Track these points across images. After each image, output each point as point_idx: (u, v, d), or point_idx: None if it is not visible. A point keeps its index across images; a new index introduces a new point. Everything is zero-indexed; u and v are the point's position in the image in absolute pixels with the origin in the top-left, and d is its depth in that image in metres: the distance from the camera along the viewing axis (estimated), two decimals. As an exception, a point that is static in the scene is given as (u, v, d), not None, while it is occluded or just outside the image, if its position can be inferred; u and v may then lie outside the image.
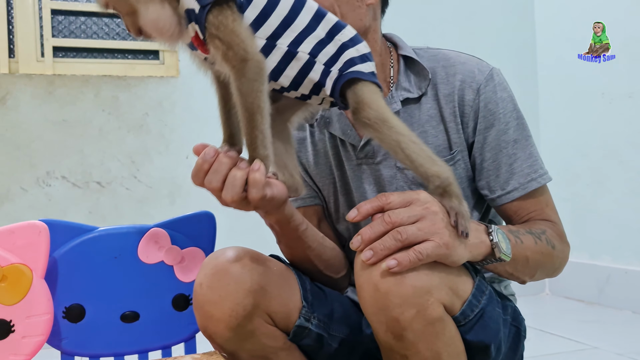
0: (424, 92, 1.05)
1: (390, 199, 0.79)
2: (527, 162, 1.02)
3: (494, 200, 1.04)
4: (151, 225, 1.11)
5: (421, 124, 1.05)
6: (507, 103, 1.04)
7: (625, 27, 2.26)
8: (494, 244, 0.86)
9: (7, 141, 2.07)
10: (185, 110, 2.25)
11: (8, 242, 0.98)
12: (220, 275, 0.92)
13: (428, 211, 0.79)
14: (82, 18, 2.27)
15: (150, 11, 0.78)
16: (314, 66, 0.82)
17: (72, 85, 2.14)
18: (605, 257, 2.42)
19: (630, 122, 2.29)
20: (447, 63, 1.06)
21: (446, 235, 0.78)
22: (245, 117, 0.77)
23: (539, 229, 0.99)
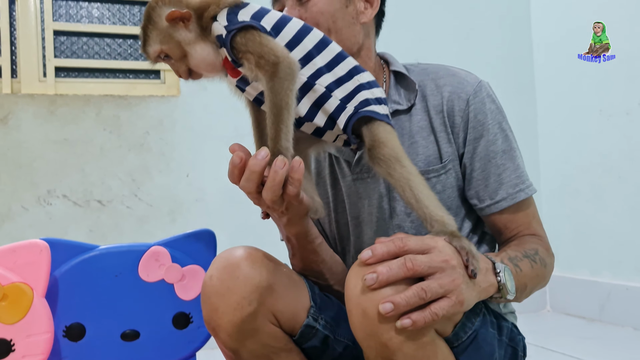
0: (413, 104, 1.08)
1: (408, 245, 0.79)
2: (515, 172, 1.05)
3: (483, 209, 1.06)
4: (152, 244, 1.12)
5: (412, 135, 1.08)
6: (496, 114, 1.06)
7: (622, 45, 2.28)
8: (501, 285, 0.87)
9: (8, 160, 2.08)
10: (185, 128, 2.27)
11: (9, 261, 0.98)
12: (230, 269, 0.94)
13: (448, 265, 0.78)
14: (84, 38, 2.30)
15: (198, 51, 0.87)
16: (329, 99, 0.87)
17: (73, 105, 2.15)
18: (606, 273, 2.42)
19: (628, 138, 2.30)
20: (436, 76, 1.09)
21: (462, 293, 0.79)
22: (273, 112, 0.81)
23: (531, 249, 1.00)
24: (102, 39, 2.32)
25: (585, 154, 2.50)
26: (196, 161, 2.27)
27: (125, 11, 2.35)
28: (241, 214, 2.30)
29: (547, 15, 2.72)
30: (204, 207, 2.27)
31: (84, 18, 2.30)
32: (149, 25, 0.88)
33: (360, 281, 0.78)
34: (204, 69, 0.90)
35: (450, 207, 1.06)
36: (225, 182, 2.51)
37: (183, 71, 0.90)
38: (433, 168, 1.06)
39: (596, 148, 2.44)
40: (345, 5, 1.05)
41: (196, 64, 0.89)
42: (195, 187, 2.26)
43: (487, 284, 0.85)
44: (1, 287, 0.99)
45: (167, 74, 2.35)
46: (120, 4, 2.35)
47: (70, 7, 2.28)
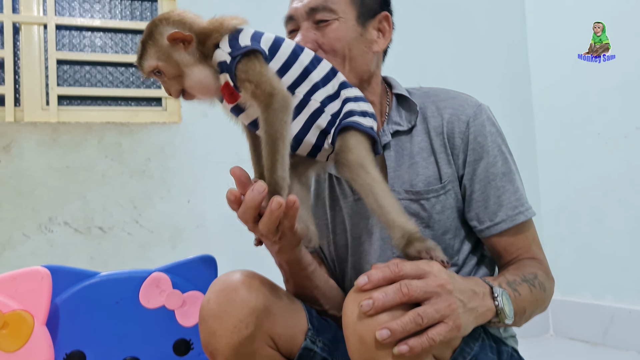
0: (414, 125, 1.10)
1: (403, 270, 0.79)
2: (515, 195, 1.05)
3: (483, 231, 1.06)
4: (152, 270, 1.12)
5: (412, 155, 1.09)
6: (496, 137, 1.07)
7: (620, 69, 2.31)
8: (499, 309, 0.87)
9: (10, 188, 2.09)
10: (187, 155, 2.28)
11: (10, 289, 0.99)
12: (227, 292, 0.95)
13: (443, 289, 0.79)
14: (86, 67, 2.33)
15: (196, 73, 0.89)
16: (322, 114, 0.90)
17: (76, 133, 2.17)
18: (609, 297, 2.40)
19: (627, 161, 2.31)
20: (437, 98, 1.11)
21: (459, 317, 0.79)
22: (268, 143, 0.83)
23: (531, 273, 1.00)
24: (105, 67, 2.35)
25: (584, 177, 2.51)
26: (197, 187, 2.29)
27: (127, 40, 2.39)
28: (242, 239, 2.29)
29: (543, 40, 2.76)
30: (205, 233, 2.27)
31: (86, 47, 2.33)
32: (149, 40, 0.89)
33: (356, 307, 0.78)
34: (199, 92, 0.92)
35: (449, 228, 1.07)
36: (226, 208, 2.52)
37: (175, 90, 0.91)
38: (432, 188, 1.06)
39: (595, 171, 2.45)
40: (361, 34, 1.07)
41: (191, 86, 0.90)
42: (196, 213, 2.27)
43: (484, 309, 0.85)
44: (2, 314, 0.99)
45: (169, 101, 2.38)
46: (123, 33, 2.39)
47: (73, 37, 2.32)
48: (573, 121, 2.56)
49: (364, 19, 1.08)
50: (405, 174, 1.08)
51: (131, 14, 2.41)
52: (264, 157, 0.84)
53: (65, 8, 2.32)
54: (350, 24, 1.06)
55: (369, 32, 1.09)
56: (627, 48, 2.26)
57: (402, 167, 1.09)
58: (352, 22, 1.06)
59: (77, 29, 2.33)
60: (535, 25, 2.81)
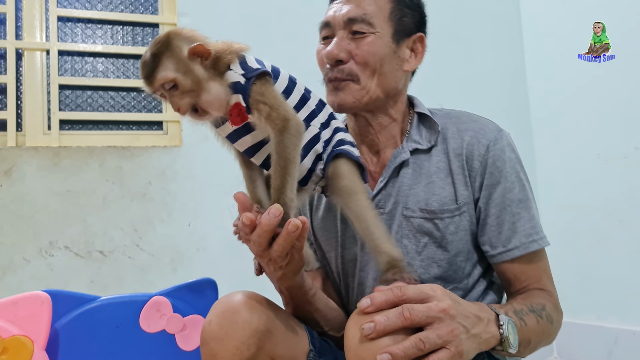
0: (433, 144, 1.10)
1: (406, 294, 0.79)
2: (530, 223, 1.05)
3: (495, 256, 1.05)
4: (153, 294, 1.12)
5: (429, 174, 1.09)
6: (515, 164, 1.08)
7: (618, 92, 2.32)
8: (504, 338, 0.86)
9: (11, 212, 2.09)
10: (187, 178, 2.29)
11: (10, 313, 0.98)
12: (229, 314, 0.94)
13: (446, 314, 0.79)
14: (88, 92, 2.35)
15: (214, 88, 0.88)
16: (320, 140, 0.93)
17: (77, 157, 2.18)
18: (612, 318, 2.39)
19: (627, 182, 2.32)
20: (459, 120, 1.12)
21: (462, 344, 0.79)
22: (280, 165, 0.85)
23: (539, 304, 1.00)
24: (106, 92, 2.37)
25: (585, 198, 2.51)
26: (198, 210, 2.29)
27: (128, 65, 2.41)
28: (243, 262, 2.29)
29: (542, 64, 2.78)
30: (206, 256, 2.27)
31: (88, 72, 2.36)
32: (167, 52, 0.86)
33: (358, 330, 0.78)
34: (214, 108, 0.90)
35: (461, 250, 1.06)
36: (226, 231, 2.53)
37: (185, 105, 0.88)
38: (447, 208, 1.06)
39: (596, 192, 2.46)
40: (394, 51, 1.09)
41: (209, 102, 0.88)
42: (196, 236, 2.27)
43: (488, 335, 0.85)
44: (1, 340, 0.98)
45: (170, 125, 2.39)
46: (124, 58, 2.41)
47: (75, 62, 2.34)
48: (573, 142, 2.57)
49: (399, 37, 1.10)
50: (421, 192, 1.08)
51: (132, 39, 2.43)
52: (274, 179, 0.85)
53: (68, 34, 2.35)
54: (385, 40, 1.08)
55: (402, 51, 1.11)
56: (628, 70, 2.28)
57: (419, 186, 1.09)
58: (387, 39, 1.09)
59: (79, 55, 2.35)
60: (534, 50, 2.84)
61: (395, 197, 1.10)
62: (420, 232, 1.07)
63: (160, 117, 2.39)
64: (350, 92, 1.09)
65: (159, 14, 2.46)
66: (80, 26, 2.37)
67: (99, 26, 2.40)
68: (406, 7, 1.12)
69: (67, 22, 2.35)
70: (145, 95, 2.41)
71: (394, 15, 1.10)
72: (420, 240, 1.07)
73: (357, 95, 1.09)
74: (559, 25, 2.65)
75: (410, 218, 1.08)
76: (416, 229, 1.07)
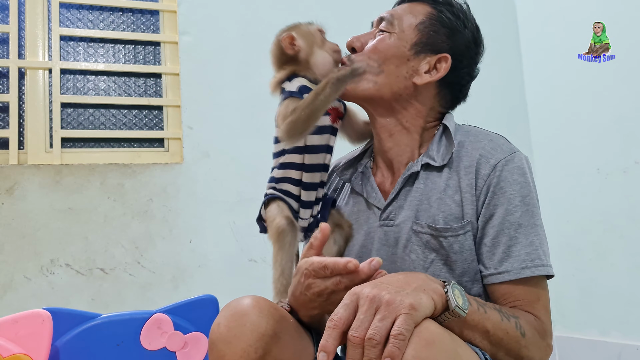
0: (445, 164, 1.10)
1: (337, 315, 0.78)
2: (526, 249, 1.02)
3: (486, 277, 1.04)
4: (154, 311, 1.12)
5: (439, 190, 1.08)
6: (521, 187, 1.05)
7: (617, 105, 2.33)
8: (447, 296, 0.84)
9: (13, 230, 2.09)
10: (188, 195, 2.30)
11: (11, 332, 0.98)
12: (237, 316, 0.95)
13: (370, 300, 0.77)
14: (90, 110, 2.36)
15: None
16: None
17: (78, 174, 2.19)
18: (615, 333, 2.37)
19: (627, 196, 2.32)
20: (476, 138, 1.11)
21: (404, 299, 0.77)
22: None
23: (512, 314, 0.96)
24: (108, 109, 2.39)
25: (585, 214, 2.51)
26: (199, 227, 2.29)
27: (130, 83, 2.43)
28: (244, 279, 2.29)
29: (540, 76, 2.80)
30: (207, 273, 2.26)
31: (90, 90, 2.38)
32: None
33: None
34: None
35: (467, 270, 1.05)
36: (227, 248, 2.52)
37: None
38: (451, 227, 1.05)
39: (596, 207, 2.45)
40: (407, 59, 1.11)
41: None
42: (198, 253, 2.27)
43: (432, 287, 0.82)
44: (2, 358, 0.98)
45: (171, 142, 2.40)
46: (126, 76, 2.43)
47: (77, 80, 2.36)
48: (572, 157, 2.58)
49: (420, 49, 1.11)
50: (430, 208, 1.08)
51: (134, 57, 2.46)
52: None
53: (70, 53, 2.37)
54: (399, 43, 1.10)
55: (418, 62, 1.11)
56: (627, 81, 2.29)
57: (429, 201, 1.08)
58: (404, 43, 1.10)
59: (82, 73, 2.37)
60: (531, 62, 2.86)
61: (406, 210, 1.10)
62: (428, 248, 1.07)
63: (162, 134, 2.40)
64: None
65: (160, 33, 2.49)
66: (82, 45, 2.40)
67: (100, 45, 2.43)
68: (441, 25, 1.12)
69: (69, 41, 2.38)
70: (147, 113, 2.43)
71: (423, 26, 1.11)
72: (427, 256, 1.07)
73: (353, 84, 1.11)
74: (557, 30, 2.67)
75: (419, 233, 1.07)
76: (424, 244, 1.07)
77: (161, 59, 2.47)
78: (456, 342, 0.82)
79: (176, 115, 2.41)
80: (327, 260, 0.90)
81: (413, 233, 1.08)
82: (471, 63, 1.16)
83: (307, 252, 0.97)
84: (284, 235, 1.08)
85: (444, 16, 1.12)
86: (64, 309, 1.09)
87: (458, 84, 1.16)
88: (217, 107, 2.39)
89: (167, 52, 2.46)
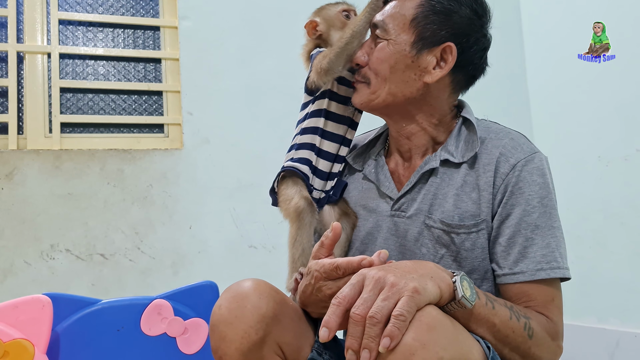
0: (465, 161, 1.07)
1: (343, 293, 0.79)
2: (543, 250, 1.00)
3: (500, 277, 1.03)
4: (154, 297, 1.12)
5: (456, 186, 1.07)
6: (540, 188, 1.03)
7: (618, 93, 2.32)
8: (455, 286, 0.83)
9: (13, 215, 2.09)
10: (188, 181, 2.29)
11: (11, 317, 0.98)
12: (239, 298, 0.96)
13: (375, 280, 0.77)
14: (89, 95, 2.35)
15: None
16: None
17: (78, 160, 2.18)
18: (614, 321, 2.38)
19: (628, 184, 2.31)
20: (496, 136, 1.08)
21: (409, 282, 0.77)
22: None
23: (524, 314, 0.95)
24: (107, 95, 2.37)
25: (585, 201, 2.50)
26: (199, 213, 2.29)
27: (130, 68, 2.42)
28: (244, 265, 2.29)
29: (542, 65, 2.78)
30: (207, 259, 2.27)
31: (89, 75, 2.36)
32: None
33: None
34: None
35: (477, 267, 1.04)
36: (227, 234, 2.52)
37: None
38: (465, 224, 1.04)
39: (596, 194, 2.45)
40: (412, 60, 1.06)
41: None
42: (197, 239, 2.27)
43: (439, 276, 0.82)
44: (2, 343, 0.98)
45: (171, 128, 2.39)
46: (125, 61, 2.41)
47: (76, 65, 2.35)
48: (573, 144, 2.57)
49: (421, 46, 1.05)
50: (445, 204, 1.06)
51: (133, 42, 2.44)
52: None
53: (69, 37, 2.35)
54: (399, 48, 1.06)
55: (423, 60, 1.06)
56: (628, 71, 2.28)
57: (445, 197, 1.07)
58: (403, 47, 1.06)
59: (81, 58, 2.36)
60: (534, 51, 2.84)
61: (419, 203, 1.09)
62: (439, 243, 1.06)
63: (162, 119, 2.39)
64: (362, 93, 1.11)
65: (160, 17, 2.47)
66: (81, 29, 2.38)
67: (100, 29, 2.41)
68: (434, 14, 1.05)
69: (68, 26, 2.36)
70: (147, 98, 2.42)
71: (416, 22, 1.06)
72: (438, 251, 1.06)
73: (366, 98, 1.10)
74: (559, 25, 2.65)
75: (431, 228, 1.06)
76: (435, 239, 1.06)
77: (161, 43, 2.45)
78: (458, 329, 0.81)
79: (176, 101, 2.40)
80: (339, 261, 0.90)
81: (425, 227, 1.07)
82: (479, 37, 1.09)
83: (318, 251, 0.96)
84: (303, 215, 1.10)
85: (435, 2, 1.06)
86: (64, 295, 1.09)
87: (471, 64, 1.10)
88: (217, 93, 2.38)
89: (166, 36, 2.45)
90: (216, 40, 2.41)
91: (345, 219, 1.15)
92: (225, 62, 2.41)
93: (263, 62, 2.45)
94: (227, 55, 2.41)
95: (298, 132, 1.18)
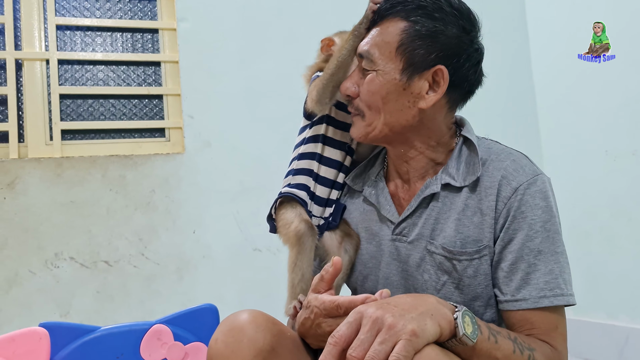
0: (466, 185, 1.04)
1: (339, 332, 0.77)
2: (546, 277, 0.98)
3: (502, 303, 1.01)
4: (153, 322, 1.11)
5: (458, 211, 1.04)
6: (543, 212, 1.00)
7: (625, 88, 2.28)
8: (456, 323, 0.81)
9: (15, 225, 2.09)
10: (191, 185, 2.28)
11: (8, 351, 0.97)
12: (235, 332, 0.95)
13: (373, 320, 0.76)
14: (89, 101, 2.33)
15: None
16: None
17: (80, 167, 2.17)
18: (623, 317, 2.36)
19: (636, 179, 2.28)
20: (497, 157, 1.05)
21: (407, 324, 0.75)
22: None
23: (528, 345, 0.93)
24: (107, 100, 2.36)
25: (593, 196, 2.47)
26: (202, 217, 2.28)
27: (129, 72, 2.39)
28: (248, 269, 2.29)
29: (547, 61, 2.74)
30: (212, 263, 2.26)
31: (89, 81, 2.34)
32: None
33: None
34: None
35: (480, 295, 1.02)
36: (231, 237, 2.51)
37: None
38: (466, 251, 1.01)
39: (604, 190, 2.42)
40: (403, 88, 1.02)
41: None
42: (201, 243, 2.26)
43: (439, 312, 0.80)
44: (1, 375, 0.98)
45: (172, 132, 2.37)
46: (124, 65, 2.39)
47: (75, 71, 2.33)
48: (580, 139, 2.53)
49: (411, 72, 1.01)
50: (446, 229, 1.04)
51: (132, 46, 2.41)
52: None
53: (67, 43, 2.33)
54: (389, 77, 1.02)
55: (415, 86, 1.02)
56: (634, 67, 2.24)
57: (446, 222, 1.04)
58: (393, 76, 1.02)
59: (79, 63, 2.33)
60: (540, 47, 2.79)
61: (421, 228, 1.06)
62: (441, 270, 1.04)
63: (162, 124, 2.37)
64: (358, 126, 1.08)
65: (158, 20, 2.44)
66: (79, 34, 2.35)
67: (98, 34, 2.38)
68: (420, 38, 1.01)
69: (65, 31, 2.33)
70: (147, 102, 2.40)
71: (403, 49, 1.01)
72: (440, 278, 1.04)
73: (363, 131, 1.07)
74: (564, 25, 2.60)
75: (433, 254, 1.04)
76: (437, 265, 1.04)
77: (160, 46, 2.43)
78: None
79: (176, 104, 2.38)
80: (340, 300, 0.89)
81: (427, 253, 1.05)
82: (470, 52, 1.05)
83: (318, 285, 0.95)
84: (304, 239, 1.07)
85: (419, 26, 1.01)
86: (61, 323, 1.08)
87: (465, 80, 1.06)
88: (217, 95, 2.35)
89: (165, 39, 2.42)
90: (215, 41, 2.38)
91: (348, 240, 1.13)
92: (225, 63, 2.38)
93: (263, 63, 2.42)
94: (227, 56, 2.38)
95: (295, 156, 1.16)
